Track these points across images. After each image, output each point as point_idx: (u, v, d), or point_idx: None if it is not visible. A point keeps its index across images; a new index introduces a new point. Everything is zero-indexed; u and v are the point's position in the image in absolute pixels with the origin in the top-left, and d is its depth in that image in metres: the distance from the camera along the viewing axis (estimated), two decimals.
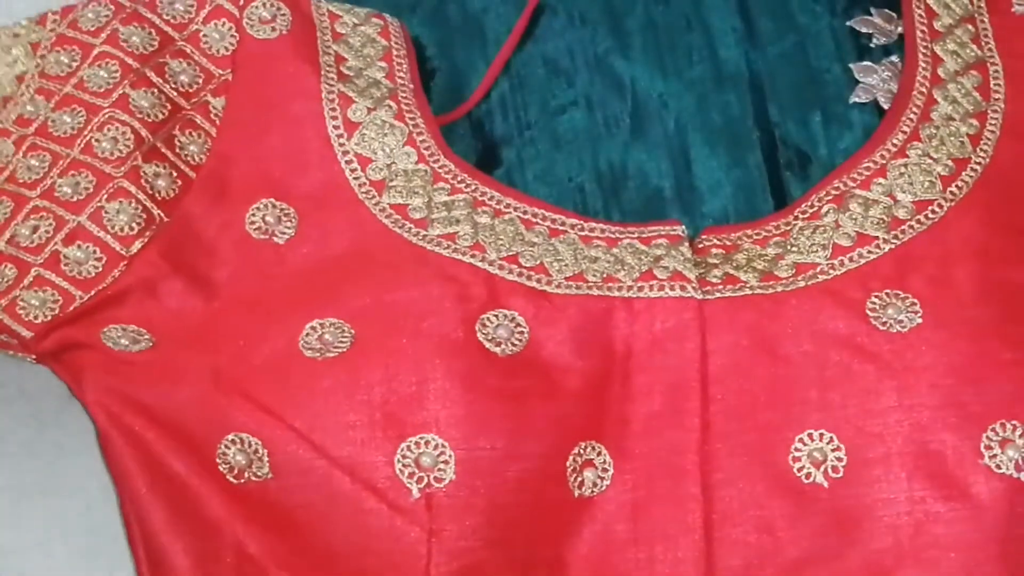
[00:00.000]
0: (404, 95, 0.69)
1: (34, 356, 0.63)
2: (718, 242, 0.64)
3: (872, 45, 0.73)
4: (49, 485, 0.70)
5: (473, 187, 0.66)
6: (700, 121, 0.72)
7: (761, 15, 0.74)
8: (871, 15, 0.74)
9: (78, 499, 0.68)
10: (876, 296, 0.60)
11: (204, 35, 0.69)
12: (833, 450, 0.58)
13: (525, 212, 0.65)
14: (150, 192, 0.64)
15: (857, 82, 0.72)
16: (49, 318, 0.61)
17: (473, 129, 0.72)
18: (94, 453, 0.61)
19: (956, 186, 0.64)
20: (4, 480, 0.71)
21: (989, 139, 0.67)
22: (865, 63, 0.72)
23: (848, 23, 0.74)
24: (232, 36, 0.69)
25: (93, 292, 0.62)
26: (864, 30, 0.73)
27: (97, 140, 0.65)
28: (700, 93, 0.72)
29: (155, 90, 0.67)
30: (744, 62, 0.73)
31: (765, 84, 0.72)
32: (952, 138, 0.66)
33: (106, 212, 0.63)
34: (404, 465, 0.56)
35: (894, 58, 0.72)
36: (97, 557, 0.67)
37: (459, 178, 0.66)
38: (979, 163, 0.66)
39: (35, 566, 0.70)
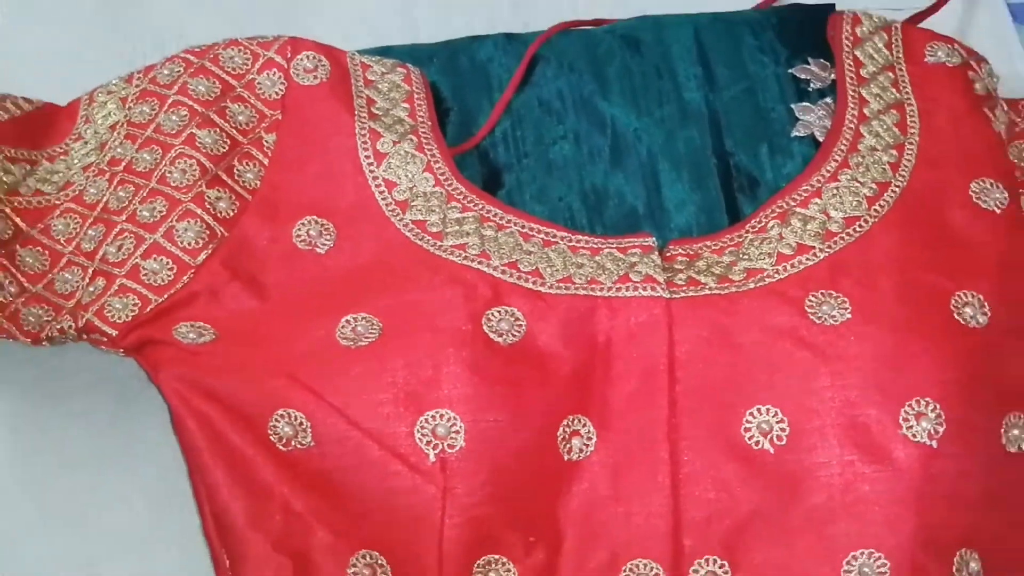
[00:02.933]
0: (423, 130, 0.70)
1: (121, 350, 0.63)
2: (683, 251, 0.64)
3: (810, 89, 0.73)
4: (130, 453, 0.70)
5: (480, 206, 0.66)
6: (668, 152, 0.72)
7: (718, 64, 0.74)
8: (809, 64, 0.74)
9: (154, 465, 0.67)
10: (813, 295, 0.61)
11: (258, 83, 0.69)
12: (778, 422, 0.58)
13: (523, 226, 0.65)
14: (213, 213, 0.65)
15: (797, 119, 0.72)
16: (130, 319, 0.62)
17: (480, 158, 0.72)
18: (167, 428, 0.61)
19: (879, 205, 0.65)
20: (94, 449, 0.70)
21: (906, 166, 0.67)
22: (804, 104, 0.73)
23: (790, 71, 0.74)
24: (281, 83, 0.69)
25: (166, 296, 0.63)
26: (803, 77, 0.74)
27: (169, 172, 0.65)
28: (668, 129, 0.72)
29: (217, 129, 0.67)
30: (704, 103, 0.73)
31: (721, 121, 0.73)
32: (876, 165, 0.67)
33: (176, 230, 0.64)
34: (423, 435, 0.56)
35: (828, 100, 0.72)
36: (170, 512, 0.66)
37: (468, 199, 0.66)
38: (898, 186, 0.66)
39: (119, 520, 0.69)
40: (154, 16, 0.85)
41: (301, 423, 0.57)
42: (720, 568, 0.57)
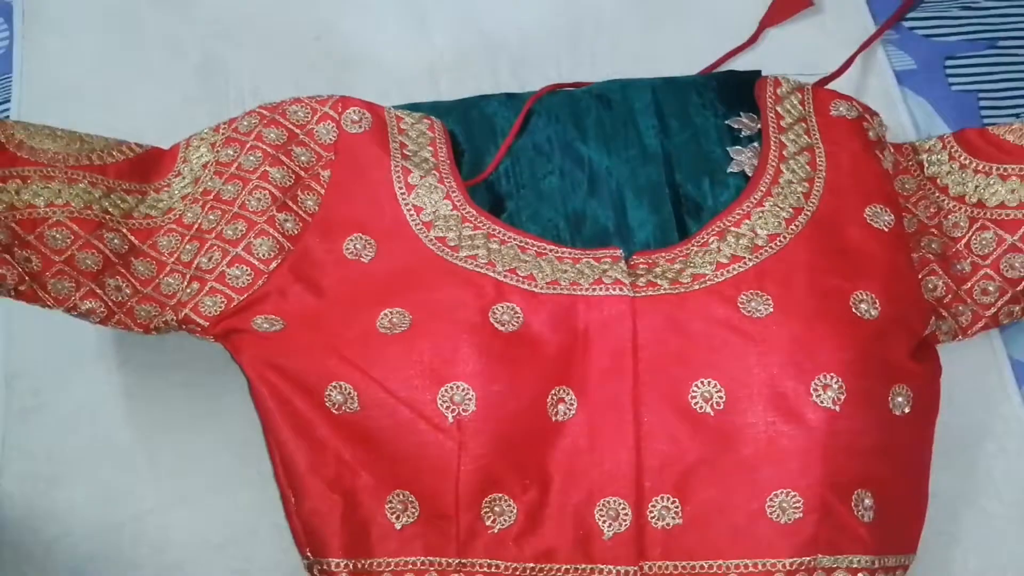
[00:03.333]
0: (444, 168, 0.70)
1: (211, 337, 0.64)
2: (643, 261, 0.64)
3: (741, 136, 0.73)
4: (219, 415, 0.71)
5: (487, 225, 0.66)
6: (632, 184, 0.71)
7: (671, 117, 0.74)
8: (740, 117, 0.73)
9: (237, 424, 0.68)
10: (744, 294, 0.61)
11: (316, 131, 0.69)
12: (716, 391, 0.58)
13: (520, 241, 0.65)
14: (281, 231, 0.65)
15: (732, 159, 0.72)
16: (218, 313, 0.63)
17: (488, 188, 0.72)
18: (246, 396, 0.61)
19: (795, 225, 0.64)
20: (189, 411, 0.71)
21: (816, 195, 0.66)
22: (737, 147, 0.72)
23: (726, 122, 0.73)
24: (334, 132, 0.69)
25: (245, 296, 0.63)
26: (736, 126, 0.73)
27: (248, 200, 0.66)
28: (632, 166, 0.72)
29: (285, 167, 0.67)
30: (660, 147, 0.73)
31: (673, 160, 0.72)
32: (792, 195, 0.66)
33: (254, 245, 0.64)
34: (443, 401, 0.56)
35: (755, 144, 0.72)
36: (249, 461, 0.67)
37: (478, 220, 0.66)
38: (809, 211, 0.65)
39: (209, 465, 0.70)
40: (237, 78, 0.86)
41: (350, 392, 0.58)
42: (672, 503, 0.58)
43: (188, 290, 0.64)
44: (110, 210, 0.65)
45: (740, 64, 0.82)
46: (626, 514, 0.57)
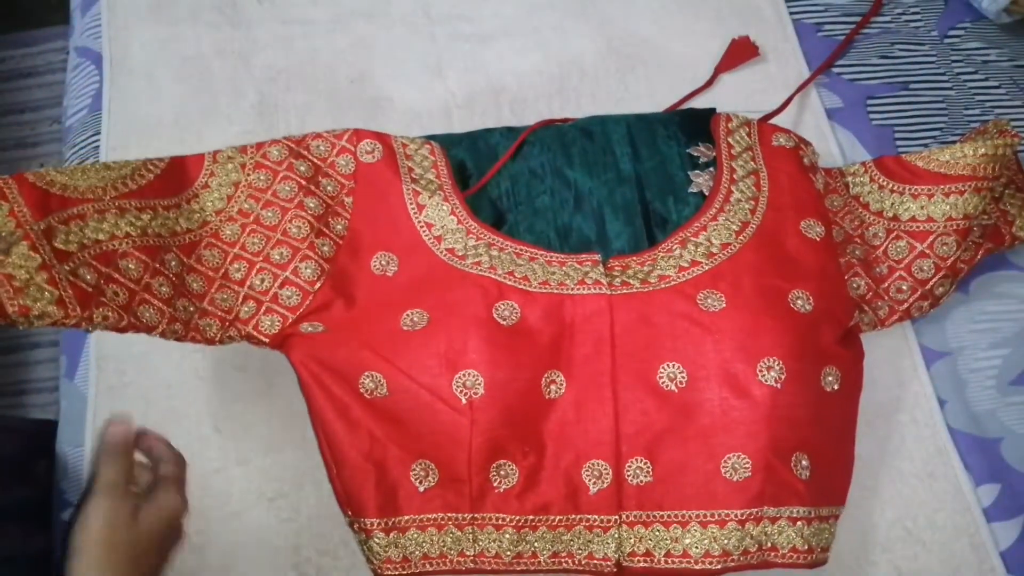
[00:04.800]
0: (447, 187, 0.68)
1: (267, 343, 0.62)
2: (618, 264, 0.64)
3: (700, 162, 0.72)
4: (269, 392, 0.70)
5: (488, 237, 0.65)
6: (610, 202, 0.70)
7: (642, 146, 0.73)
8: (699, 146, 0.72)
9: (284, 400, 0.68)
10: (702, 293, 0.60)
11: (337, 163, 0.67)
12: (680, 372, 0.58)
13: (516, 249, 0.65)
14: (320, 255, 0.63)
15: (692, 181, 0.71)
16: (276, 331, 0.62)
17: (491, 205, 0.71)
18: (292, 378, 0.60)
19: (743, 236, 0.64)
20: (247, 389, 0.70)
21: (760, 211, 0.66)
22: (696, 171, 0.71)
23: (687, 150, 0.72)
24: (352, 162, 0.67)
25: (297, 314, 0.62)
26: (695, 154, 0.72)
27: (289, 227, 0.64)
28: (610, 188, 0.71)
29: (316, 197, 0.65)
30: (633, 171, 0.72)
31: (644, 182, 0.71)
32: (740, 211, 0.66)
33: (300, 269, 0.63)
34: (457, 386, 0.56)
35: (711, 169, 0.71)
36: (295, 429, 0.66)
37: (481, 232, 0.65)
38: (755, 224, 0.65)
39: (263, 432, 0.69)
40: (286, 114, 0.84)
41: (380, 380, 0.57)
42: (644, 463, 0.58)
43: (245, 309, 0.62)
44: (161, 232, 0.59)
45: (698, 103, 0.82)
46: (608, 473, 0.57)
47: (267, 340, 0.61)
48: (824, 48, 0.84)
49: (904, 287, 0.68)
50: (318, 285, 0.62)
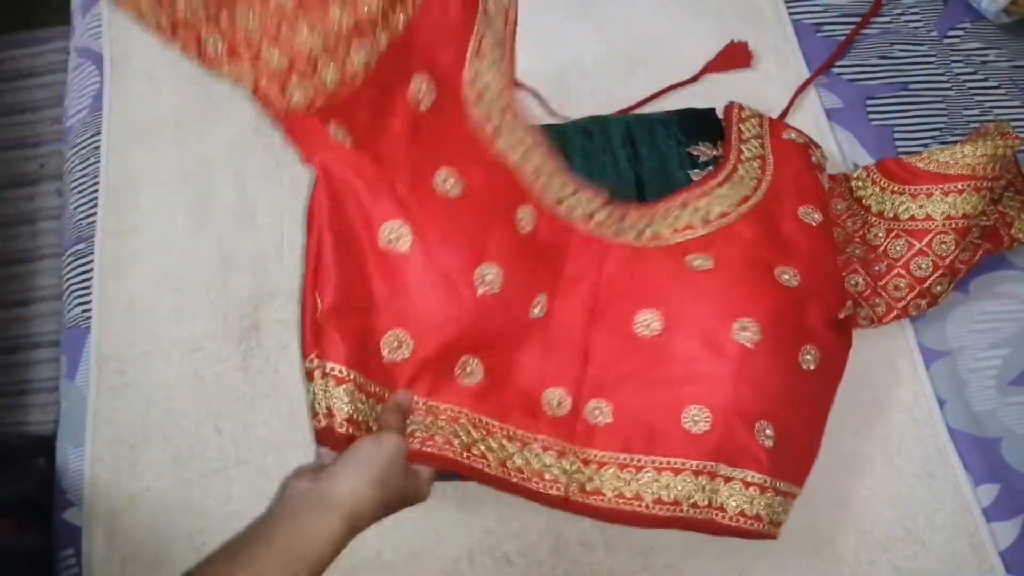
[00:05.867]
0: (508, 46, 0.61)
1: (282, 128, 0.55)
2: (619, 208, 0.65)
3: (699, 161, 0.72)
4: (269, 393, 0.69)
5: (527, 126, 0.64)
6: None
7: (641, 145, 0.73)
8: (698, 145, 0.73)
9: (284, 401, 0.67)
10: (691, 255, 0.62)
11: None
12: (656, 319, 0.60)
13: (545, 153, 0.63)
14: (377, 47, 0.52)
15: (691, 180, 0.71)
16: (304, 102, 0.52)
17: None
18: (293, 379, 0.63)
19: (743, 208, 0.66)
20: (246, 390, 0.70)
21: (762, 190, 0.67)
22: (696, 171, 0.71)
23: (687, 150, 0.73)
24: None
25: (327, 97, 0.52)
26: (695, 153, 0.73)
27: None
28: (610, 188, 0.71)
29: None
30: (632, 170, 0.72)
31: (644, 181, 0.72)
32: (744, 187, 0.67)
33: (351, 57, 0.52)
34: (478, 278, 0.56)
35: (710, 167, 0.71)
36: (295, 430, 0.66)
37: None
38: (756, 200, 0.66)
39: (263, 433, 0.68)
40: None
41: (402, 233, 0.54)
42: (605, 406, 0.59)
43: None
44: None
45: (697, 103, 0.80)
46: (566, 402, 0.59)
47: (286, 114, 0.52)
48: (824, 48, 0.84)
49: (902, 284, 0.68)
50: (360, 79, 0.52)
